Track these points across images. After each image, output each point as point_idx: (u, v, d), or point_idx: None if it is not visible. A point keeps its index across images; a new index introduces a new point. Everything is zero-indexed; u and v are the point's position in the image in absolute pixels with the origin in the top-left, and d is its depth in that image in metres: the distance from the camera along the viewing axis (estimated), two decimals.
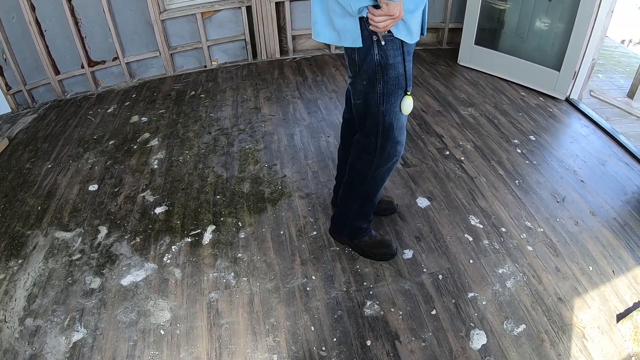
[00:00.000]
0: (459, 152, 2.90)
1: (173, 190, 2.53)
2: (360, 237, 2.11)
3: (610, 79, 4.29)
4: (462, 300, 1.94)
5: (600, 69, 4.51)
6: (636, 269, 2.14)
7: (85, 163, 2.79)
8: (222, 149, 2.90)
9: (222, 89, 3.68)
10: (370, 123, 1.71)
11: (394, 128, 1.70)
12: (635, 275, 2.11)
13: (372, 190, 1.95)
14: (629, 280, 2.08)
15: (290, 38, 4.17)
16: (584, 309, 1.93)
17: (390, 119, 1.66)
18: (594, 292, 2.01)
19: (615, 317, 1.91)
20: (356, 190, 1.97)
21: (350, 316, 1.86)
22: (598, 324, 1.88)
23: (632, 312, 1.89)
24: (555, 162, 2.82)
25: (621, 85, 4.13)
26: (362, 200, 1.98)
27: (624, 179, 2.71)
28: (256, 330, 1.80)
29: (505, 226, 2.33)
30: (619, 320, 1.90)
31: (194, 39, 3.89)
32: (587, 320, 1.89)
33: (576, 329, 1.85)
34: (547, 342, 1.79)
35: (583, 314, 1.91)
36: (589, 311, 1.93)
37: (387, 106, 1.63)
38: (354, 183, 1.96)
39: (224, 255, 2.13)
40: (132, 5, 3.55)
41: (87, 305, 1.89)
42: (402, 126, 1.73)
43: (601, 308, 1.95)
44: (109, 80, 3.78)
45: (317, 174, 2.67)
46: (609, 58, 4.88)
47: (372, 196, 1.98)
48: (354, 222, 2.07)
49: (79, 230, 2.28)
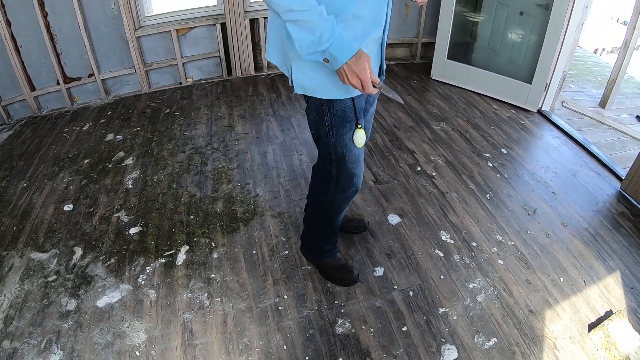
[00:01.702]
0: (431, 168, 2.93)
1: (147, 211, 2.52)
2: (324, 258, 2.12)
3: (582, 89, 4.37)
4: (432, 315, 1.96)
5: (573, 79, 4.59)
6: (607, 278, 2.18)
7: (61, 182, 2.76)
8: (196, 168, 2.89)
9: (196, 107, 3.68)
10: (324, 152, 1.69)
11: (347, 160, 1.66)
12: (606, 284, 2.15)
13: (329, 216, 1.95)
14: (601, 290, 2.12)
15: (265, 54, 4.16)
16: (555, 320, 1.96)
17: (341, 151, 1.62)
18: (565, 303, 2.05)
19: (587, 326, 1.95)
20: (316, 214, 2.00)
21: (322, 335, 1.87)
22: (570, 334, 1.91)
23: (603, 321, 1.93)
24: (527, 175, 2.86)
25: (593, 95, 4.21)
26: (322, 223, 2.00)
27: (595, 188, 2.76)
28: (230, 350, 1.80)
29: (476, 241, 2.36)
30: (590, 330, 1.93)
31: (169, 56, 3.89)
32: (558, 331, 1.92)
33: (547, 340, 1.88)
34: (519, 355, 1.82)
35: (554, 325, 1.94)
36: (561, 322, 1.96)
37: (338, 138, 1.59)
38: (314, 206, 1.99)
39: (197, 276, 2.12)
40: (108, 21, 3.54)
41: (64, 327, 1.88)
42: (355, 159, 1.68)
43: (572, 318, 1.98)
44: (84, 96, 3.76)
45: (290, 193, 2.68)
46: (581, 68, 4.97)
47: (331, 222, 1.97)
48: (317, 242, 2.09)
49: (55, 251, 2.26)
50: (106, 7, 3.49)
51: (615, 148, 3.33)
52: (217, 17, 3.84)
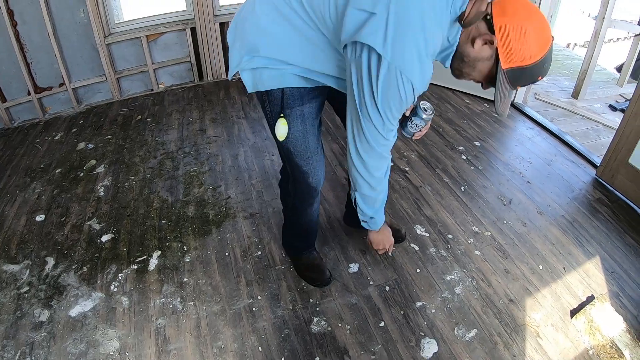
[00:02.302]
0: (404, 163, 2.93)
1: (119, 217, 2.47)
2: (299, 254, 2.11)
3: (555, 81, 4.41)
4: (410, 310, 1.94)
5: None
6: (587, 264, 2.19)
7: (32, 193, 2.70)
8: (168, 173, 2.85)
9: (168, 112, 3.64)
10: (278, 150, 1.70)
11: (294, 155, 1.63)
12: (586, 269, 2.16)
13: (296, 217, 1.95)
14: (581, 275, 2.12)
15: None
16: (537, 308, 1.96)
17: (286, 144, 1.59)
18: (546, 291, 2.04)
19: (569, 313, 1.95)
20: (286, 212, 2.02)
21: (297, 334, 1.84)
22: (552, 321, 1.90)
23: (585, 306, 1.93)
24: (501, 166, 2.86)
25: (566, 87, 4.25)
26: (292, 222, 2.02)
27: (570, 176, 2.78)
28: (204, 354, 1.76)
29: (451, 233, 2.35)
30: (572, 316, 1.92)
31: (139, 63, 3.83)
32: (540, 319, 1.91)
33: (530, 328, 1.87)
34: (501, 345, 1.80)
35: (535, 313, 1.93)
36: (542, 310, 1.95)
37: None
38: (283, 205, 2.02)
39: (170, 281, 2.08)
40: (77, 30, 3.48)
41: (37, 338, 1.83)
42: (303, 154, 1.63)
43: (554, 305, 1.97)
44: (56, 106, 3.69)
45: (262, 194, 2.65)
46: (553, 61, 4.93)
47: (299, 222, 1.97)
48: (290, 239, 2.10)
49: (27, 262, 2.20)
50: (76, 15, 3.44)
51: (589, 137, 3.36)
52: (187, 22, 3.80)
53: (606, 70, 4.90)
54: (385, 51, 1.14)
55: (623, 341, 1.76)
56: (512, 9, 1.17)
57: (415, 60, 1.18)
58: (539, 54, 1.18)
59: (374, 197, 1.61)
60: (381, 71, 1.18)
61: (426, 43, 1.17)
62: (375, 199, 1.63)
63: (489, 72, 1.28)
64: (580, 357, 1.78)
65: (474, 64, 1.27)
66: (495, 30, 1.18)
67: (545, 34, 1.18)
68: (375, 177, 1.52)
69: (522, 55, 1.18)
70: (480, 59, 1.25)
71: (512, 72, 1.22)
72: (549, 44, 1.19)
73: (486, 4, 1.18)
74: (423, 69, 1.21)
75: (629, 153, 2.55)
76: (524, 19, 1.16)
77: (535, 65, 1.20)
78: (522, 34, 1.16)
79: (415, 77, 1.20)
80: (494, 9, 1.18)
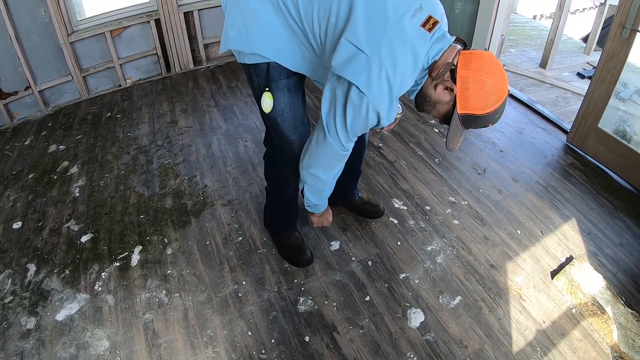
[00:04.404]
0: (377, 139, 2.94)
1: (97, 217, 2.44)
2: (281, 232, 2.13)
3: (522, 52, 4.47)
4: (394, 282, 1.97)
5: (512, 43, 4.69)
6: (564, 226, 2.24)
7: (7, 201, 2.65)
8: (142, 167, 2.82)
9: (138, 107, 3.59)
10: (264, 121, 1.74)
11: (280, 125, 1.64)
12: (563, 231, 2.21)
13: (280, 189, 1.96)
14: (558, 238, 2.18)
15: (202, 47, 4.10)
16: (518, 272, 2.01)
17: (273, 115, 1.62)
18: (525, 254, 2.09)
19: (549, 274, 2.00)
20: (270, 184, 2.02)
21: (285, 315, 1.86)
22: (533, 283, 1.95)
23: (565, 266, 1.98)
24: (474, 137, 2.90)
25: (533, 57, 4.31)
26: (275, 196, 2.03)
27: (542, 143, 2.83)
28: (195, 344, 1.77)
29: (429, 204, 2.38)
30: (553, 277, 1.98)
31: (105, 59, 3.75)
32: (522, 281, 1.96)
33: (512, 292, 1.92)
34: (485, 309, 1.85)
35: (517, 276, 1.98)
36: (523, 273, 2.00)
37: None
38: (267, 178, 2.02)
39: (153, 275, 2.07)
40: (39, 30, 3.39)
41: (26, 347, 1.80)
42: (290, 125, 1.66)
43: (534, 268, 2.03)
44: (23, 111, 3.60)
45: (238, 180, 2.65)
46: (520, 33, 5.08)
47: (282, 196, 1.98)
48: (272, 215, 2.13)
49: (8, 272, 2.16)
50: (36, 15, 3.34)
51: (559, 104, 3.42)
52: (151, 14, 3.73)
53: (573, 40, 4.99)
54: (367, 91, 1.27)
55: (604, 298, 1.81)
56: (476, 64, 1.29)
57: (387, 99, 1.31)
58: (492, 106, 1.31)
59: (321, 189, 1.73)
60: (355, 103, 1.31)
61: (401, 87, 1.33)
62: (322, 191, 1.74)
63: (445, 113, 1.42)
64: (563, 316, 1.83)
65: (434, 104, 1.42)
66: (457, 80, 1.31)
67: (502, 90, 1.30)
68: (326, 178, 1.65)
69: (477, 105, 1.30)
70: (440, 101, 1.40)
71: (466, 117, 1.34)
72: (504, 98, 1.32)
73: (454, 54, 1.32)
74: (392, 106, 1.34)
75: (598, 118, 2.61)
76: (485, 74, 1.28)
77: (489, 114, 1.32)
78: (481, 88, 1.28)
79: (384, 111, 1.33)
80: (460, 60, 1.31)
